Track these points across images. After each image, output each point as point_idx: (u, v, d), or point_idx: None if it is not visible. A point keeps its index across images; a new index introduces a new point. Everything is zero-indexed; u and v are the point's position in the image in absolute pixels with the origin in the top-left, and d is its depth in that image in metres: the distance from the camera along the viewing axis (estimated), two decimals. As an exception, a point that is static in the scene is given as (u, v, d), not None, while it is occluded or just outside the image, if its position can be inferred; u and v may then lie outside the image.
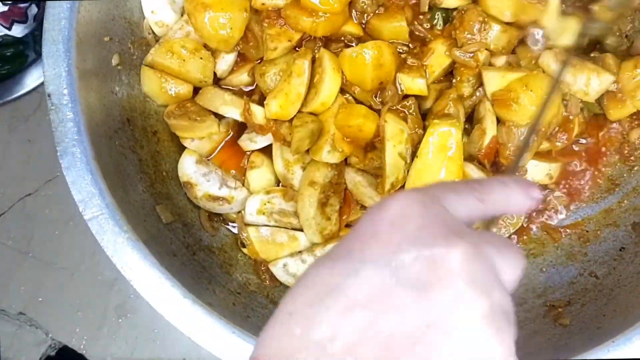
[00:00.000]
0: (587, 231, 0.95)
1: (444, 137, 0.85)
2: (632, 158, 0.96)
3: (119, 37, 0.93)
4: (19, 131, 1.12)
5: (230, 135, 0.98)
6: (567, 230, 0.96)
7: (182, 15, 0.97)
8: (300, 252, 0.93)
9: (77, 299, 1.03)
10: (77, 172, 0.77)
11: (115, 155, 0.87)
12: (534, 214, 0.95)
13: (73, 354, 1.04)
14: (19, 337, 1.05)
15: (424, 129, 0.90)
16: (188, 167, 0.95)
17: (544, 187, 0.95)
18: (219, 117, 0.96)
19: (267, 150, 0.97)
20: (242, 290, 0.90)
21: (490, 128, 0.91)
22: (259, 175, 0.96)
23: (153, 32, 0.97)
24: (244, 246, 0.95)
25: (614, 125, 0.96)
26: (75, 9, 0.82)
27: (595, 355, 0.72)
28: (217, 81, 0.98)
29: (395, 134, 0.87)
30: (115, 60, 0.91)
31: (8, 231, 1.09)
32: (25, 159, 1.11)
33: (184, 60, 0.92)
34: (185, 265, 0.86)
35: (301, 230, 0.93)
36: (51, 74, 0.80)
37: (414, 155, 0.89)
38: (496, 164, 0.94)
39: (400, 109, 0.91)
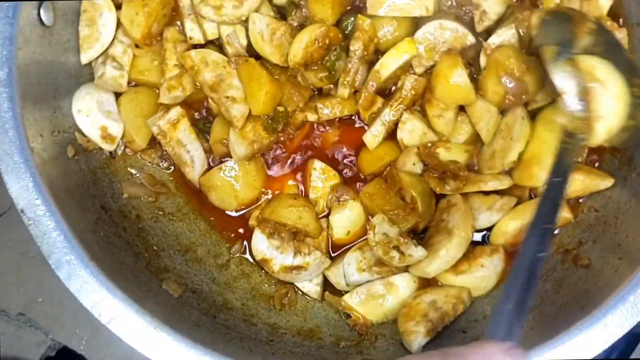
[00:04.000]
0: (571, 170, 0.98)
1: None
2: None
3: (64, 127, 0.88)
4: (18, 131, 1.09)
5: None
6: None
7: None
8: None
9: (77, 300, 1.02)
10: (79, 279, 0.73)
11: (105, 247, 0.83)
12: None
13: (73, 354, 1.03)
14: (19, 338, 1.04)
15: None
16: (260, 244, 0.93)
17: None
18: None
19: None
20: (272, 336, 0.88)
21: None
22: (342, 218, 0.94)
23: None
24: (348, 317, 0.92)
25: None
26: (19, 115, 0.77)
27: (631, 287, 0.74)
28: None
29: None
30: (70, 152, 0.87)
31: (8, 232, 1.07)
32: (25, 159, 1.08)
33: None
34: (212, 333, 0.83)
35: (394, 273, 0.91)
36: (17, 188, 0.75)
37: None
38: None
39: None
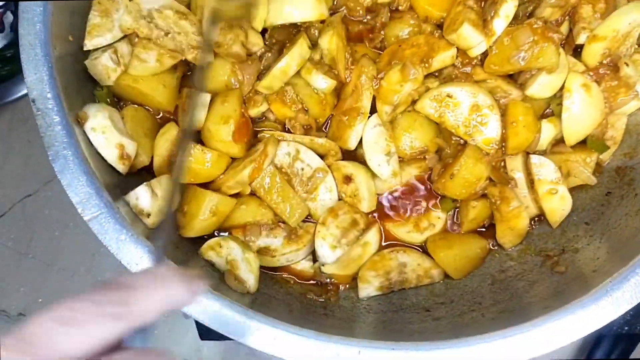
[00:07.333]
0: (574, 180, 0.98)
1: None
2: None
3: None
4: (19, 132, 1.12)
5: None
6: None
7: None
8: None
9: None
10: (71, 174, 0.77)
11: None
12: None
13: (72, 354, 1.05)
14: (19, 338, 1.06)
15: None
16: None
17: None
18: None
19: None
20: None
21: None
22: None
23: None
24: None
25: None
26: (49, 11, 0.81)
27: (595, 297, 0.75)
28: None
29: None
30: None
31: (8, 232, 1.09)
32: (25, 160, 1.11)
33: None
34: (188, 255, 0.87)
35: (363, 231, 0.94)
36: (33, 79, 0.79)
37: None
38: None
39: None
